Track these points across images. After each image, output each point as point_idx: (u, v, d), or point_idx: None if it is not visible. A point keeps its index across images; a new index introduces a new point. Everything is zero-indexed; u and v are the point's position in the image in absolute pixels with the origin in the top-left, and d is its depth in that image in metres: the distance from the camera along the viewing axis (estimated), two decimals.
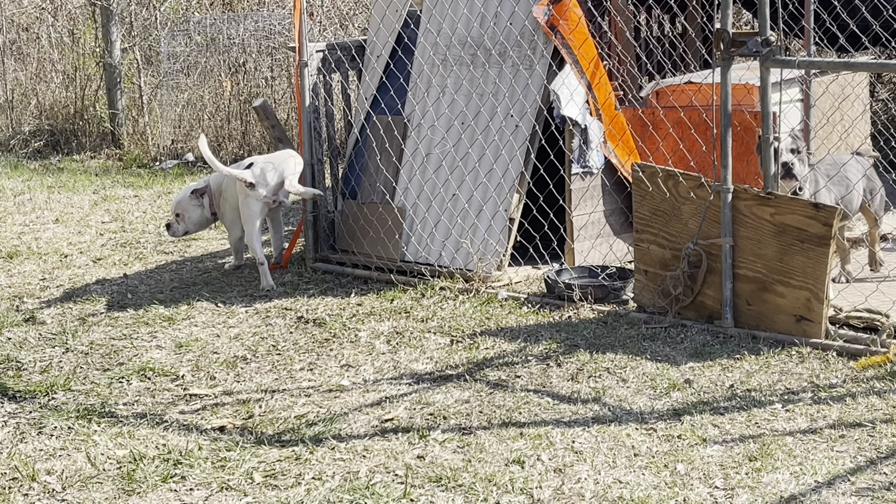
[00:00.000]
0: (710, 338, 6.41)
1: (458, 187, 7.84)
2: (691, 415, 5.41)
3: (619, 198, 7.81)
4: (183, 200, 8.26)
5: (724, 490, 4.67)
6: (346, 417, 5.58)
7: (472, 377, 6.04)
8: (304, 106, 8.22)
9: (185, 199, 8.26)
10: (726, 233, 6.38)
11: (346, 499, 4.68)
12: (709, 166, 7.44)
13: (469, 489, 4.74)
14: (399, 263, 7.94)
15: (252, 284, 8.02)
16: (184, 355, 6.60)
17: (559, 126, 7.62)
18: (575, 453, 5.06)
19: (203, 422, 5.59)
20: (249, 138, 14.02)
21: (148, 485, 4.85)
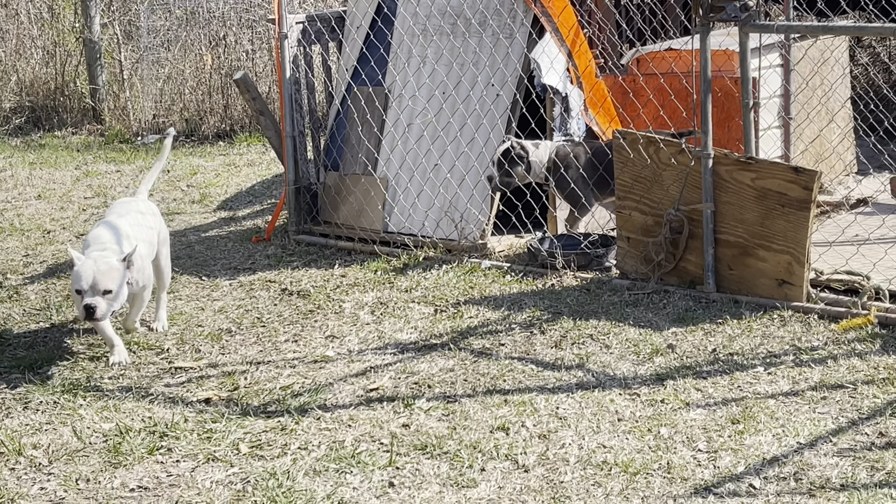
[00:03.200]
0: (692, 303, 6.44)
1: (440, 157, 7.85)
2: (674, 379, 5.44)
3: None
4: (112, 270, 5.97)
5: (707, 453, 4.70)
6: (331, 388, 5.60)
7: (456, 346, 6.06)
8: (284, 78, 8.21)
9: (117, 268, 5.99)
10: (707, 198, 6.41)
11: (332, 468, 4.71)
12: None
13: (454, 456, 4.77)
14: (382, 234, 7.95)
15: (235, 258, 8.02)
16: (169, 329, 6.61)
17: (540, 95, 7.62)
18: (559, 419, 5.09)
19: (188, 394, 5.61)
20: (231, 112, 13.98)
21: (134, 457, 4.87)
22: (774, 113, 8.34)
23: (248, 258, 8.02)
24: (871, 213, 7.46)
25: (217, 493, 4.53)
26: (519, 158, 7.38)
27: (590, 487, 4.46)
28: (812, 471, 4.49)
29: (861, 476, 4.42)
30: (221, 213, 9.55)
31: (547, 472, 4.61)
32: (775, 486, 4.40)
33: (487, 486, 4.52)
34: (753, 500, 4.30)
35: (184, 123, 14.13)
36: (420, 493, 4.48)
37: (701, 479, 4.48)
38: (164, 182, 10.89)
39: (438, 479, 4.60)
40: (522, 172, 7.41)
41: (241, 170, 11.39)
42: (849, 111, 8.92)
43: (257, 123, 9.26)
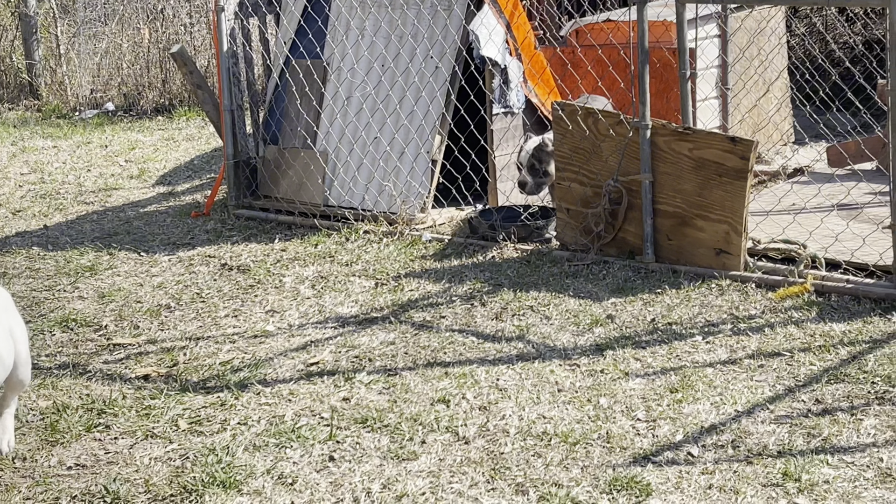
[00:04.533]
0: (631, 273, 6.47)
1: (380, 130, 7.82)
2: (614, 349, 5.47)
3: None
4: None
5: (645, 422, 4.73)
6: (271, 362, 5.58)
7: (397, 319, 6.05)
8: (222, 51, 8.14)
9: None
10: (646, 169, 6.43)
11: (271, 442, 4.69)
12: (628, 103, 7.48)
13: (395, 429, 4.77)
14: (322, 208, 7.92)
15: (175, 233, 7.96)
16: (107, 305, 6.56)
17: (479, 66, 7.61)
18: (499, 391, 5.10)
19: (127, 371, 5.57)
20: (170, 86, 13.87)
21: (72, 434, 4.83)
22: (712, 83, 8.38)
23: (188, 233, 7.96)
24: (807, 183, 7.51)
25: (156, 469, 4.50)
26: (552, 155, 6.96)
27: (530, 458, 4.48)
28: (749, 438, 4.53)
29: (798, 443, 4.46)
30: (160, 188, 9.48)
31: (487, 444, 4.62)
32: (713, 453, 4.43)
33: (428, 459, 4.52)
34: (692, 467, 4.33)
35: (122, 98, 14.00)
36: (360, 466, 4.48)
37: (640, 448, 4.51)
38: (101, 157, 10.79)
39: (379, 452, 4.60)
40: (553, 171, 6.98)
41: (181, 144, 11.31)
42: (786, 81, 8.98)
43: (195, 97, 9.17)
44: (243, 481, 4.37)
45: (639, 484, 4.21)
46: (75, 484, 4.41)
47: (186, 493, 4.30)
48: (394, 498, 4.23)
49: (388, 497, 4.24)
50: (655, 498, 4.14)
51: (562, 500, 4.15)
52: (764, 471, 4.27)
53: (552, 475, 4.34)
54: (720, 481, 4.22)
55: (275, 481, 4.38)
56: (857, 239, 6.28)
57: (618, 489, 4.20)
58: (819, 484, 4.15)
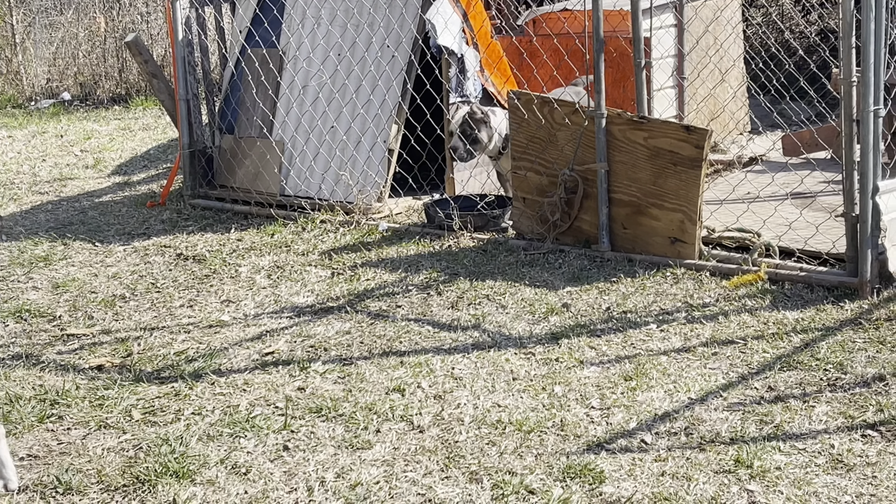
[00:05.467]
0: (587, 262, 6.48)
1: (336, 119, 7.80)
2: (569, 338, 5.48)
3: None
4: None
5: (600, 410, 4.74)
6: (226, 352, 5.56)
7: (353, 308, 6.04)
8: (176, 40, 8.09)
9: None
10: (601, 158, 6.44)
11: (226, 432, 4.67)
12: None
13: (349, 418, 4.76)
14: (279, 198, 7.89)
15: (130, 223, 7.92)
16: (61, 296, 6.51)
17: (435, 56, 7.60)
18: (455, 379, 5.10)
19: (80, 361, 5.53)
20: (127, 76, 13.80)
21: (24, 425, 4.79)
22: (668, 73, 8.41)
23: (143, 223, 7.92)
24: (762, 171, 7.56)
25: (108, 459, 4.48)
26: (483, 123, 7.10)
27: (484, 446, 4.48)
28: (703, 425, 4.55)
29: (750, 429, 4.48)
30: (116, 177, 9.42)
31: (442, 433, 4.61)
32: (666, 440, 4.45)
33: (382, 448, 4.51)
34: (645, 455, 4.34)
35: (78, 87, 13.92)
36: (315, 455, 4.47)
37: (594, 436, 4.52)
38: (56, 147, 10.72)
39: (333, 441, 4.58)
40: (485, 139, 7.11)
41: (137, 134, 11.25)
42: (741, 71, 9.02)
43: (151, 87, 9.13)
44: (197, 471, 4.35)
45: (592, 471, 4.22)
46: (27, 474, 4.37)
47: (139, 483, 4.27)
48: (348, 487, 4.22)
49: (342, 486, 4.23)
50: (608, 485, 4.15)
51: (516, 488, 4.15)
52: (716, 458, 4.29)
53: (506, 463, 4.34)
54: (673, 468, 4.23)
55: (228, 471, 4.36)
56: (811, 227, 6.32)
57: (571, 476, 4.21)
58: (771, 470, 4.17)
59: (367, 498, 4.14)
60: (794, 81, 7.19)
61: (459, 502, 4.10)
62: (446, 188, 7.76)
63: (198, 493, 4.19)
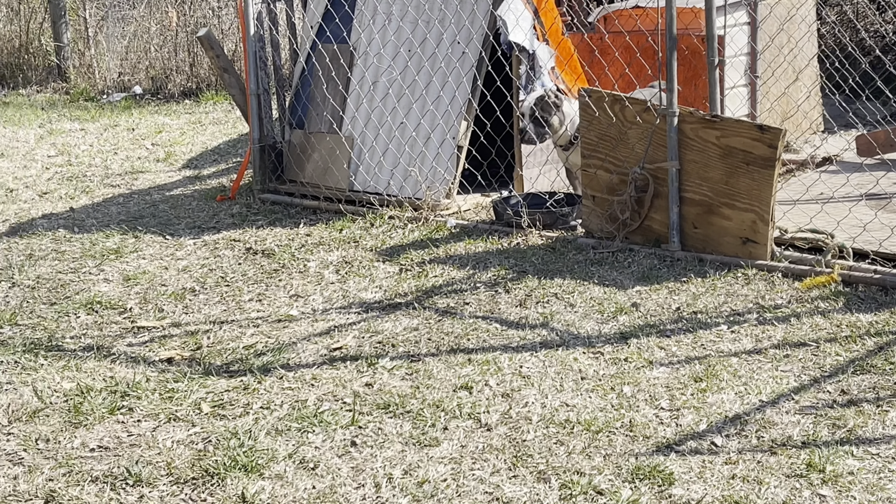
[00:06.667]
0: (657, 261, 6.44)
1: (406, 115, 7.80)
2: (638, 338, 5.44)
3: None
4: None
5: (669, 411, 4.70)
6: (294, 347, 5.58)
7: (420, 305, 6.04)
8: (248, 35, 8.13)
9: None
10: (673, 156, 6.39)
11: (294, 427, 4.69)
12: None
13: (417, 415, 4.76)
14: (347, 193, 7.91)
15: (200, 217, 7.97)
16: (131, 288, 6.56)
17: (506, 52, 7.58)
18: (523, 378, 5.08)
19: (151, 354, 5.57)
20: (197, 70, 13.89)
21: (95, 417, 4.83)
22: (741, 71, 8.33)
23: (213, 217, 7.97)
24: (836, 172, 7.47)
25: (178, 452, 4.50)
26: (555, 107, 7.04)
27: (552, 446, 4.46)
28: (774, 428, 4.50)
29: (823, 433, 4.43)
30: (186, 171, 9.49)
31: (510, 431, 4.60)
32: (737, 443, 4.40)
33: (450, 445, 4.50)
34: (715, 457, 4.30)
35: (149, 81, 14.03)
36: (382, 451, 4.47)
37: (663, 437, 4.48)
38: (128, 140, 10.82)
39: (401, 437, 4.58)
40: (556, 124, 7.06)
41: (207, 128, 11.32)
42: (815, 69, 8.92)
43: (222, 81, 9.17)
44: (265, 465, 4.36)
45: (661, 473, 4.19)
46: (98, 466, 4.41)
47: (208, 476, 4.30)
48: (415, 484, 4.21)
49: (409, 483, 4.22)
50: (678, 487, 4.12)
51: (584, 489, 4.13)
52: (788, 461, 4.24)
53: (575, 463, 4.32)
54: (743, 471, 4.19)
55: (297, 466, 4.37)
56: (886, 229, 6.23)
57: (640, 478, 4.18)
58: (843, 475, 4.12)
59: (434, 495, 4.14)
60: (870, 81, 7.10)
61: (527, 502, 4.08)
62: (515, 185, 7.73)
63: (266, 488, 4.21)
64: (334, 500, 4.13)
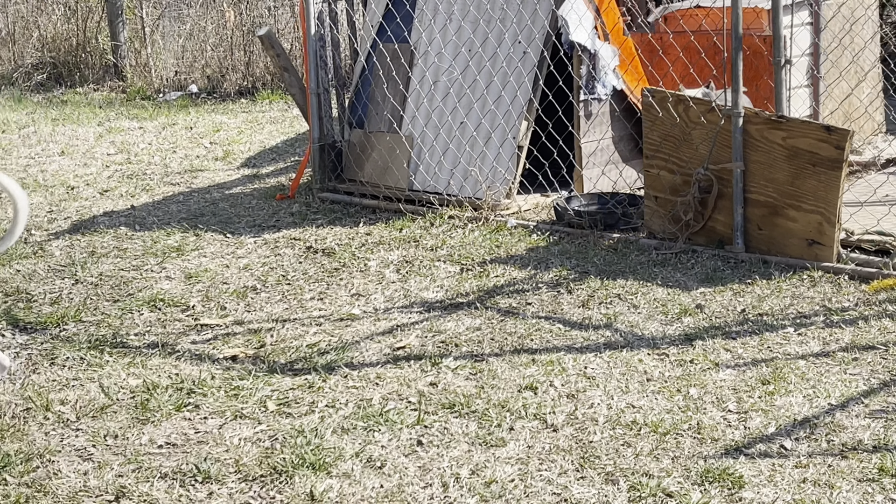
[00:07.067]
0: (720, 263, 6.39)
1: (466, 115, 7.79)
2: (703, 339, 5.40)
3: (629, 124, 7.76)
4: None
5: (737, 413, 4.67)
6: (357, 346, 5.58)
7: (482, 305, 6.03)
8: (309, 34, 8.15)
9: None
10: (737, 157, 6.34)
11: (359, 426, 4.69)
12: None
13: (483, 415, 4.75)
14: (407, 192, 7.91)
15: (260, 215, 8.00)
16: (193, 286, 6.59)
17: (567, 52, 7.55)
18: (587, 379, 5.06)
19: (215, 351, 5.59)
20: (253, 69, 13.94)
21: (162, 413, 4.86)
22: (804, 72, 8.26)
23: (273, 215, 7.99)
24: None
25: (245, 449, 4.51)
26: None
27: (619, 447, 4.44)
28: (844, 432, 4.45)
29: (893, 437, 4.38)
30: (245, 170, 9.52)
31: (576, 432, 4.58)
32: (807, 446, 4.36)
33: (516, 446, 4.49)
34: (785, 460, 4.27)
35: (205, 80, 14.09)
36: (449, 451, 4.46)
37: (731, 440, 4.45)
38: (186, 139, 10.88)
39: (467, 437, 4.57)
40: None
41: (264, 127, 11.36)
42: (878, 71, 8.83)
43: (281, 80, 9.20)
44: (332, 463, 4.37)
45: (731, 476, 4.16)
46: (166, 462, 4.43)
47: (276, 473, 4.31)
48: (483, 484, 4.20)
49: (476, 483, 4.21)
50: (748, 490, 4.08)
51: (653, 491, 4.10)
52: (859, 465, 4.20)
53: (643, 465, 4.29)
54: (814, 475, 4.15)
55: (364, 464, 4.38)
56: None
57: (710, 481, 4.15)
58: None
59: (502, 496, 4.13)
60: None
61: (595, 503, 4.06)
62: (576, 185, 7.71)
63: (334, 486, 4.21)
64: (402, 500, 4.13)
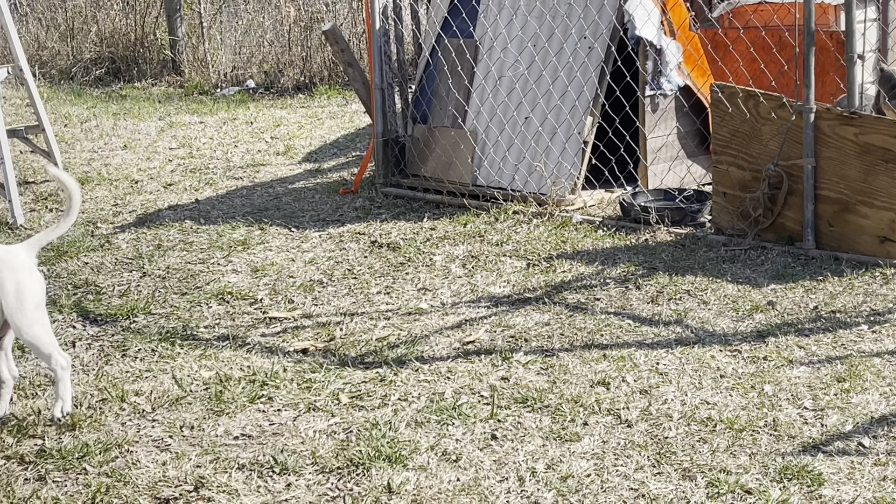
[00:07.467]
0: (790, 260, 6.35)
1: (532, 110, 7.78)
2: (776, 336, 5.37)
3: (696, 120, 7.71)
4: None
5: (813, 411, 4.64)
6: (427, 340, 5.58)
7: (550, 300, 6.02)
8: (374, 29, 8.16)
9: None
10: (808, 153, 6.30)
11: (433, 419, 4.69)
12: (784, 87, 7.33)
13: (556, 410, 4.74)
14: (471, 187, 7.90)
15: (324, 210, 8.02)
16: (260, 279, 6.62)
17: (634, 47, 7.52)
18: (660, 375, 5.04)
19: (285, 344, 5.61)
20: (310, 64, 13.98)
21: (236, 405, 4.88)
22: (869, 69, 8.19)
23: (336, 210, 8.02)
24: None
25: (321, 442, 4.53)
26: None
27: (695, 443, 4.41)
28: None
29: None
30: (306, 164, 9.56)
31: (650, 428, 4.56)
32: (885, 444, 4.33)
33: (591, 441, 4.48)
34: (863, 458, 4.23)
35: (262, 75, 14.15)
36: (523, 445, 4.46)
37: (809, 437, 4.42)
38: (247, 133, 10.93)
39: (541, 432, 4.57)
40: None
41: (324, 122, 11.40)
42: None
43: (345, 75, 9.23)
44: (408, 456, 4.37)
45: (810, 473, 4.13)
46: (243, 453, 4.45)
47: (353, 465, 4.31)
48: (559, 479, 4.20)
49: (553, 477, 4.21)
50: (828, 487, 4.05)
51: (731, 487, 4.08)
52: None
53: (719, 462, 4.27)
54: (894, 473, 4.11)
55: (439, 457, 4.38)
56: None
57: (788, 478, 4.12)
58: None
59: (578, 490, 4.12)
60: None
61: (673, 499, 4.04)
62: (641, 181, 7.67)
63: (411, 479, 4.22)
64: (479, 493, 4.12)
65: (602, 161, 7.71)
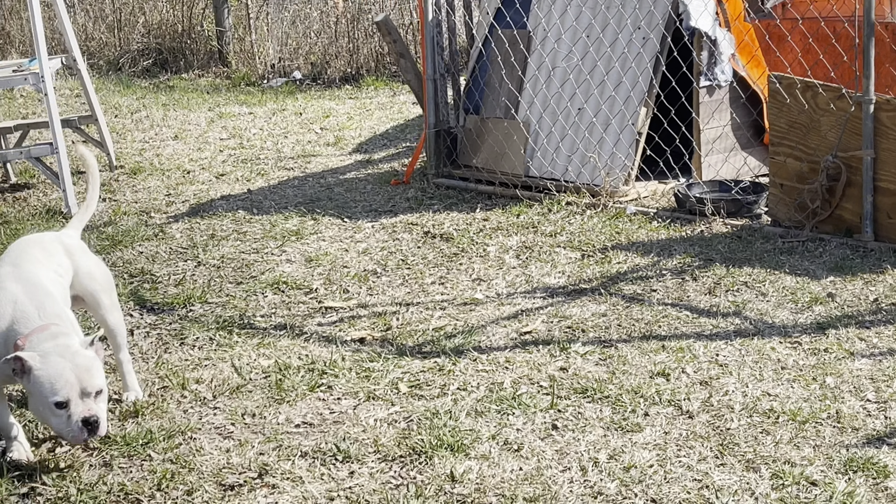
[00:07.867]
0: (849, 252, 6.30)
1: (585, 101, 7.75)
2: (836, 328, 5.33)
3: (754, 111, 7.66)
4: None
5: (876, 403, 4.60)
6: (483, 330, 5.58)
7: (606, 291, 6.00)
8: (426, 20, 8.15)
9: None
10: (868, 145, 6.25)
11: (493, 409, 4.69)
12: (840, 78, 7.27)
13: (616, 401, 4.72)
14: (523, 178, 7.89)
15: (376, 200, 8.03)
16: (314, 269, 6.63)
17: (689, 38, 7.48)
18: (720, 366, 5.02)
19: (342, 333, 5.62)
20: (357, 56, 14.00)
21: (297, 394, 4.89)
22: None
23: (388, 200, 8.02)
24: None
25: (382, 430, 4.53)
26: None
27: (758, 435, 4.39)
28: None
29: None
30: (357, 155, 9.57)
31: (712, 419, 4.54)
32: None
33: (653, 431, 4.46)
34: None
35: (309, 67, 14.18)
36: (585, 436, 4.45)
37: (873, 430, 4.38)
38: (297, 124, 10.96)
39: (602, 422, 4.55)
40: None
41: (373, 113, 11.41)
42: None
43: (395, 66, 9.23)
44: (470, 445, 4.37)
45: (875, 465, 4.10)
46: (305, 441, 4.46)
47: (415, 454, 4.32)
48: (621, 469, 4.18)
49: (615, 467, 4.20)
50: (893, 480, 4.02)
51: (796, 479, 4.06)
52: None
53: (783, 453, 4.24)
54: None
55: (500, 447, 4.37)
56: None
57: (854, 470, 4.09)
58: None
59: (642, 480, 4.10)
60: None
61: (738, 490, 4.02)
62: (696, 172, 7.63)
63: (473, 467, 4.21)
64: (542, 482, 4.12)
65: (657, 152, 7.68)
